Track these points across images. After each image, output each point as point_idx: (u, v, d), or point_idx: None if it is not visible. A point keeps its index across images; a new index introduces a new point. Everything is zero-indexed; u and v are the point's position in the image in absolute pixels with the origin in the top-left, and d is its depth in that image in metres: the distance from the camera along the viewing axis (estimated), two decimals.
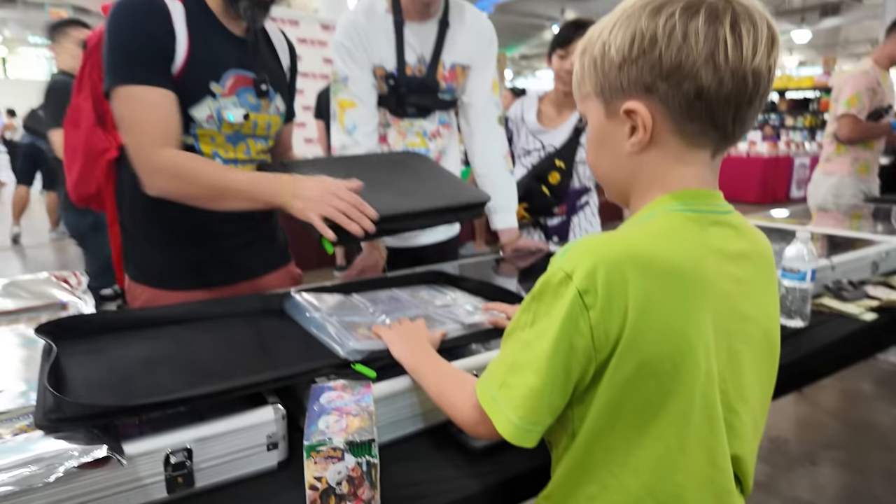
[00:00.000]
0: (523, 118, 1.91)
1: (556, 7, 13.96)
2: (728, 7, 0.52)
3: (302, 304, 0.98)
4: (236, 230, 1.21)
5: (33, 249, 5.76)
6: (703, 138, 0.56)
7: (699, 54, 0.52)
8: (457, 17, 1.47)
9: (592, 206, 1.95)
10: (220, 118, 1.10)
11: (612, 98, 0.58)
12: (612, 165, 0.61)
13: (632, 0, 0.56)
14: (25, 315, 1.00)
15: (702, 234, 0.56)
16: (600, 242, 0.53)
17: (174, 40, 1.03)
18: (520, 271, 1.50)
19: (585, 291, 0.50)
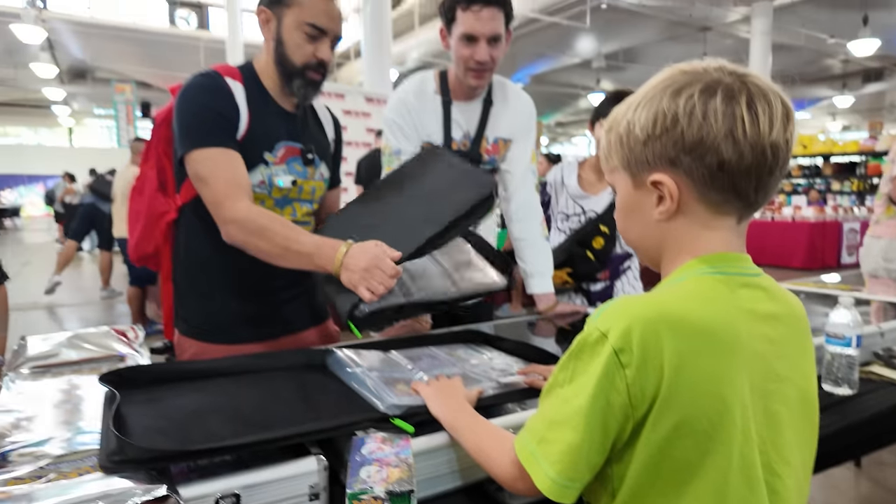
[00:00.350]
0: (563, 183, 1.96)
1: (592, 77, 14.42)
2: (743, 87, 0.57)
3: (343, 359, 1.02)
4: (279, 287, 1.28)
5: (83, 307, 6.04)
6: (727, 206, 0.60)
7: (718, 131, 0.56)
8: (500, 96, 1.58)
9: (634, 271, 1.95)
10: (271, 183, 1.21)
11: (638, 171, 0.62)
12: (641, 232, 0.65)
13: (652, 83, 0.62)
14: (87, 366, 1.07)
15: (732, 296, 0.59)
16: (634, 303, 0.56)
17: (238, 115, 1.17)
18: (556, 332, 1.51)
19: (621, 350, 0.53)
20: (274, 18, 1.19)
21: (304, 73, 1.20)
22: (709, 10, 10.23)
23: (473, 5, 1.38)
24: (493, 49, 1.42)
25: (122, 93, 13.62)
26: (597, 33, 11.12)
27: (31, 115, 19.99)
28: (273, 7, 1.19)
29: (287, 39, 1.18)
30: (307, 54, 1.19)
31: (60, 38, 13.20)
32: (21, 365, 1.05)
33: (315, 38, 1.18)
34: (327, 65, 1.22)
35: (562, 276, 1.88)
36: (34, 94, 16.41)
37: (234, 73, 1.21)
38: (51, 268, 6.22)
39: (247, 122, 1.17)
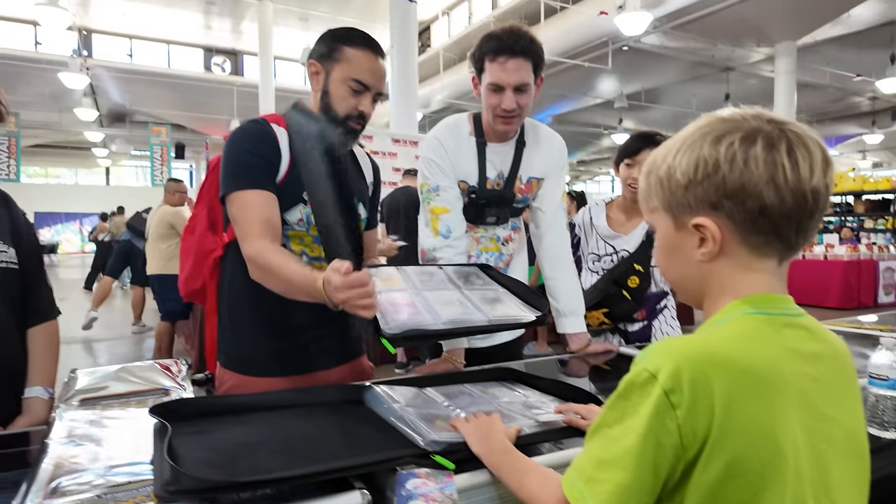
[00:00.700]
0: (592, 224, 1.98)
1: (614, 116, 14.56)
2: (783, 136, 0.59)
3: (381, 395, 1.04)
4: (312, 323, 1.32)
5: (116, 342, 6.17)
6: (768, 248, 0.62)
7: (760, 177, 0.58)
8: (532, 137, 1.62)
9: (671, 310, 1.94)
10: (309, 221, 1.28)
11: (680, 213, 0.64)
12: (682, 272, 0.67)
13: (690, 130, 0.64)
14: (134, 398, 1.11)
15: (776, 336, 0.60)
16: (681, 344, 0.57)
17: (280, 159, 1.25)
18: (590, 370, 1.51)
19: (671, 391, 0.54)
20: (323, 71, 1.28)
21: (346, 123, 1.28)
22: (731, 50, 10.33)
23: (499, 56, 1.43)
24: (520, 97, 1.46)
25: (157, 135, 14.22)
26: (619, 74, 11.29)
27: (72, 157, 20.93)
28: (323, 61, 1.28)
29: (333, 91, 1.27)
30: (350, 106, 1.27)
31: (102, 83, 13.93)
32: (72, 397, 1.10)
33: (358, 93, 1.27)
34: (367, 117, 1.31)
35: (598, 317, 1.87)
36: (76, 136, 17.24)
37: (280, 120, 1.31)
38: (85, 303, 6.39)
39: (287, 164, 1.25)
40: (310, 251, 1.31)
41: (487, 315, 1.17)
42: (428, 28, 14.63)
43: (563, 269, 1.65)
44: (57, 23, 7.99)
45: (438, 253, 1.51)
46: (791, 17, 8.81)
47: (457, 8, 13.30)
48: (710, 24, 8.96)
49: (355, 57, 1.26)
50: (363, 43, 1.27)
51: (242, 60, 16.16)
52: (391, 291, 1.19)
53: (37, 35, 13.78)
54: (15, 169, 13.02)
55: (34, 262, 1.27)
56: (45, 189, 21.34)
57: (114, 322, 6.75)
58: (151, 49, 15.15)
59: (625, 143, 1.90)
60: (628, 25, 7.55)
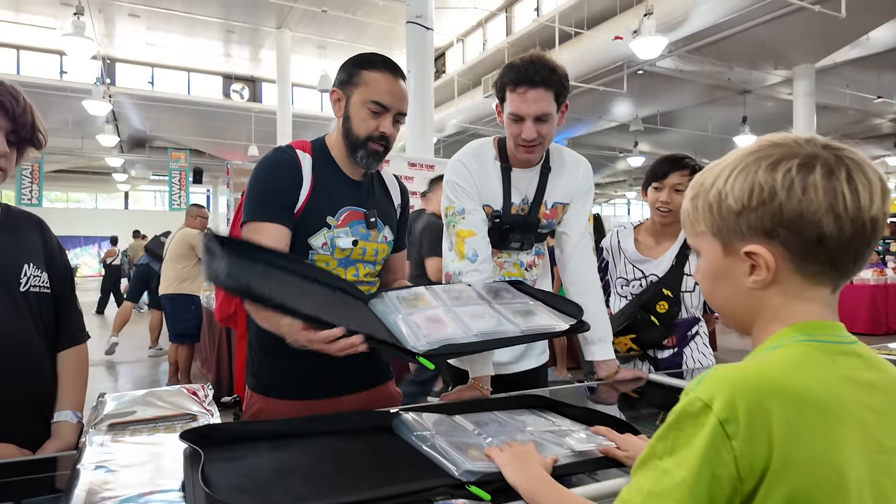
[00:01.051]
0: (620, 248, 1.96)
1: (629, 140, 14.59)
2: (841, 162, 0.58)
3: (411, 422, 1.03)
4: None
5: (133, 365, 6.21)
6: (823, 277, 0.60)
7: (819, 205, 0.57)
8: (557, 162, 1.62)
9: (703, 337, 1.91)
10: (333, 245, 1.30)
11: (730, 239, 0.63)
12: (730, 298, 0.66)
13: (741, 154, 0.63)
14: (163, 423, 1.11)
15: (831, 364, 0.58)
16: (734, 372, 0.56)
17: (300, 187, 1.28)
18: (619, 398, 1.48)
19: (726, 421, 0.52)
20: (344, 98, 1.32)
21: (367, 145, 1.31)
22: (748, 73, 10.35)
23: (519, 87, 1.44)
24: (540, 126, 1.45)
25: (176, 160, 14.51)
26: (634, 98, 11.36)
27: (93, 182, 21.41)
28: (344, 87, 1.32)
29: (353, 115, 1.30)
30: (371, 128, 1.30)
31: (124, 110, 14.31)
32: (101, 422, 1.10)
33: (378, 114, 1.29)
34: (389, 138, 1.33)
35: (627, 343, 1.84)
36: (96, 161, 17.66)
37: (306, 146, 1.35)
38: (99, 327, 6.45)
39: (309, 188, 1.29)
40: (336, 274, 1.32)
41: (520, 326, 1.17)
42: (443, 54, 14.88)
43: (590, 295, 1.62)
44: (82, 53, 8.25)
45: (464, 277, 1.50)
46: (809, 39, 8.82)
47: (471, 35, 13.53)
48: (726, 47, 9.01)
49: (373, 79, 1.29)
50: (381, 66, 1.30)
51: (261, 87, 16.53)
52: (422, 310, 1.19)
53: (62, 64, 14.25)
54: (37, 194, 13.33)
55: (66, 287, 1.29)
56: (65, 213, 21.79)
57: (132, 345, 6.81)
58: (172, 77, 15.57)
59: (652, 166, 1.87)
60: (643, 50, 7.60)
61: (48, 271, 1.23)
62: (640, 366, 1.89)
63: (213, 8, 11.53)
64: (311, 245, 1.29)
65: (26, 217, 1.27)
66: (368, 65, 1.30)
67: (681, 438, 0.55)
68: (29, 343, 1.16)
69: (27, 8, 11.81)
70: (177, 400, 1.20)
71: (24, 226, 1.24)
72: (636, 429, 1.00)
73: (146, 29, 12.94)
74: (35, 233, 1.25)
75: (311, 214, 1.28)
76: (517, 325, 1.17)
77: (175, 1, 11.17)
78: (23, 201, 12.81)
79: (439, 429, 1.02)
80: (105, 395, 1.22)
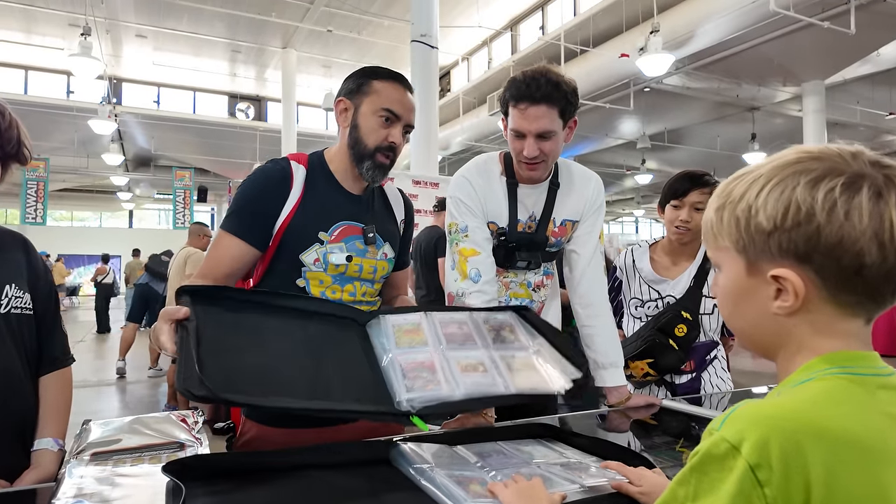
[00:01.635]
0: (635, 267, 1.90)
1: (636, 157, 14.59)
2: (891, 185, 0.52)
3: (409, 453, 0.98)
4: None
5: (132, 385, 6.17)
6: (859, 308, 0.55)
7: (863, 232, 0.51)
8: (566, 178, 1.58)
9: (722, 361, 1.84)
10: (326, 261, 1.26)
11: (756, 259, 0.57)
12: (752, 321, 0.60)
13: (777, 165, 0.57)
14: (148, 453, 1.06)
15: (871, 400, 0.53)
16: (765, 410, 0.51)
17: (284, 201, 1.25)
18: (631, 426, 1.42)
19: (758, 466, 0.47)
20: (352, 107, 1.29)
21: (375, 156, 1.28)
22: (756, 90, 10.36)
23: (520, 103, 1.40)
24: (543, 144, 1.41)
25: (181, 178, 14.63)
26: (641, 115, 11.38)
27: (98, 200, 21.62)
28: (352, 96, 1.30)
29: (362, 124, 1.28)
30: (380, 137, 1.27)
31: (129, 129, 14.49)
32: (83, 451, 1.05)
33: (389, 123, 1.27)
34: (397, 149, 1.30)
35: (643, 368, 1.78)
36: (101, 180, 17.84)
37: (302, 158, 1.32)
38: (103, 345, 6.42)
39: (297, 201, 1.25)
40: (331, 293, 1.28)
41: (511, 387, 1.09)
42: (448, 73, 15.01)
43: (601, 317, 1.57)
44: (89, 72, 8.37)
45: (467, 299, 1.45)
46: (818, 56, 8.83)
47: (476, 53, 13.66)
48: (733, 64, 9.03)
49: (384, 88, 1.27)
50: (391, 76, 1.30)
51: (266, 106, 16.70)
52: (414, 351, 1.12)
53: (69, 84, 14.46)
54: (42, 212, 13.43)
55: (50, 308, 1.25)
56: (69, 231, 21.99)
57: (133, 365, 6.76)
58: (178, 96, 15.77)
59: (671, 183, 1.82)
60: (650, 67, 7.63)
61: (31, 292, 1.19)
62: (657, 391, 1.82)
63: (220, 28, 11.70)
64: (303, 261, 1.25)
65: (11, 236, 1.23)
66: (378, 75, 1.29)
67: (704, 483, 0.50)
68: (9, 367, 1.12)
69: (37, 29, 12.03)
70: (164, 427, 1.15)
71: (6, 245, 1.20)
72: (650, 461, 0.94)
73: (153, 49, 13.14)
74: (19, 252, 1.22)
75: (299, 229, 1.25)
76: (508, 386, 1.09)
77: (182, 21, 11.36)
78: (27, 220, 12.91)
79: (439, 461, 0.97)
80: (90, 421, 1.17)
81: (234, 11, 10.19)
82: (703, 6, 7.44)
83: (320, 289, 1.27)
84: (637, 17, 8.65)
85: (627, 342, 1.82)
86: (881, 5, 7.30)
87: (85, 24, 8.13)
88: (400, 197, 1.46)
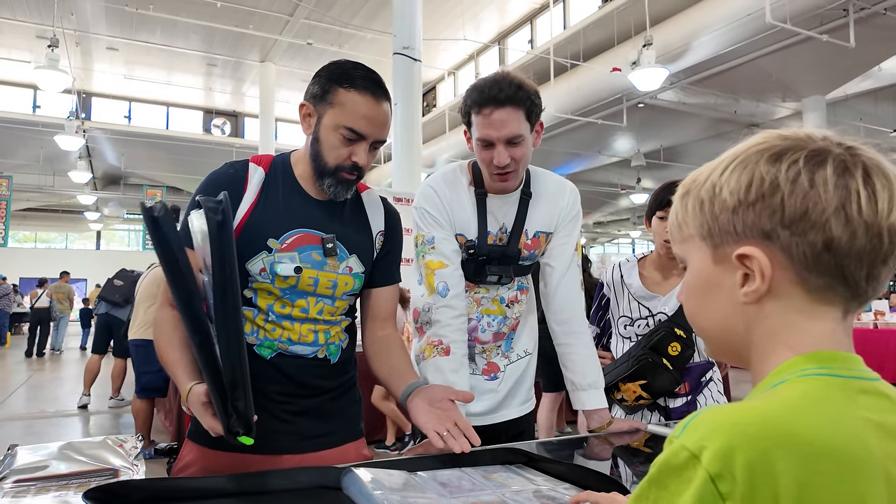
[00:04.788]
0: (624, 282, 1.88)
1: (631, 176, 14.76)
2: (858, 161, 0.52)
3: (362, 481, 0.95)
4: (294, 396, 1.23)
5: (92, 416, 6.04)
6: (831, 294, 0.53)
7: (828, 203, 0.50)
8: (538, 187, 1.56)
9: (717, 384, 1.82)
10: (273, 272, 1.19)
11: (721, 242, 0.56)
12: (720, 316, 0.58)
13: (742, 147, 0.56)
14: (76, 480, 1.02)
15: (851, 405, 0.50)
16: (730, 415, 0.48)
17: (236, 207, 1.20)
18: (613, 453, 1.40)
19: (719, 476, 0.44)
20: (315, 115, 1.22)
21: (336, 174, 1.22)
22: (755, 106, 10.55)
23: (484, 108, 1.37)
24: (513, 150, 1.39)
25: (152, 197, 14.59)
26: (634, 132, 11.54)
27: (64, 221, 21.45)
28: (316, 103, 1.22)
29: (323, 139, 1.21)
30: (342, 156, 1.20)
31: (99, 145, 14.48)
32: (4, 478, 1.01)
33: (352, 142, 1.19)
34: (362, 168, 1.24)
35: (635, 391, 1.74)
36: (68, 199, 17.71)
37: (265, 160, 1.28)
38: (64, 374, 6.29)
39: (249, 206, 1.21)
40: (279, 307, 1.21)
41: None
42: (434, 88, 15.19)
43: (578, 335, 1.54)
44: (55, 85, 8.37)
45: (435, 314, 1.43)
46: (817, 70, 9.02)
47: (463, 68, 13.85)
48: (730, 79, 9.21)
49: (350, 101, 1.18)
50: (361, 84, 1.19)
51: (243, 122, 16.77)
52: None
53: (35, 98, 14.46)
54: (3, 233, 13.29)
55: None
56: (32, 253, 21.71)
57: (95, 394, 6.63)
58: (150, 111, 15.81)
59: (656, 193, 1.81)
60: (643, 81, 7.76)
61: None
62: (650, 416, 1.79)
63: (195, 41, 11.80)
64: (249, 271, 1.19)
65: None
66: (347, 81, 1.19)
67: (662, 498, 0.47)
68: None
69: (2, 41, 12.06)
70: (98, 453, 1.11)
71: None
72: (625, 487, 0.92)
73: (124, 63, 13.21)
74: None
75: (249, 235, 1.19)
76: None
77: (155, 34, 11.45)
78: None
79: (395, 488, 0.94)
80: (17, 446, 1.13)
81: (211, 24, 10.29)
82: (698, 18, 7.60)
83: (267, 301, 1.21)
84: (629, 30, 8.81)
85: (617, 363, 1.80)
86: (881, 18, 7.51)
87: (53, 36, 8.16)
88: (381, 205, 1.37)
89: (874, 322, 7.99)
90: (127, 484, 0.89)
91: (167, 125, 15.85)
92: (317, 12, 10.34)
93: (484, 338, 1.56)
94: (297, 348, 1.23)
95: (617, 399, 1.79)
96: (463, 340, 1.45)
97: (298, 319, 1.23)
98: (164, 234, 0.97)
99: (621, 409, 1.82)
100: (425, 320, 1.45)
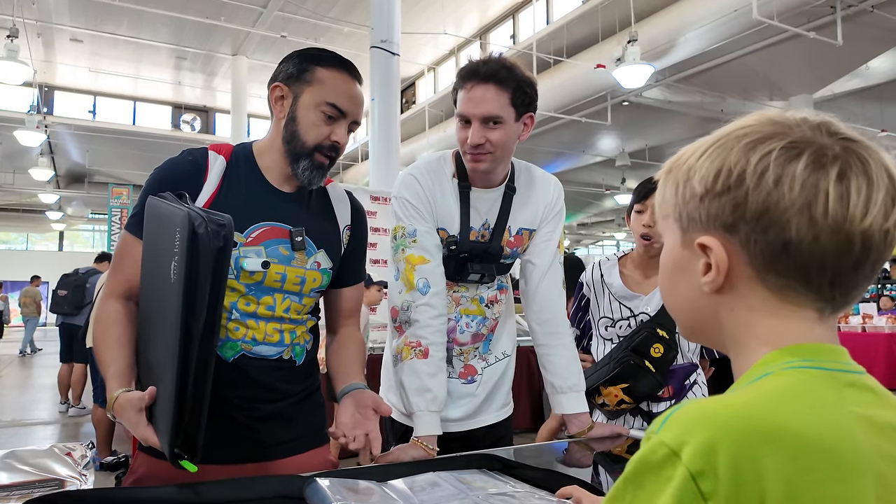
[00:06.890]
0: (604, 282, 1.87)
1: (616, 176, 14.87)
2: (840, 155, 0.50)
3: (325, 490, 0.92)
4: (257, 401, 1.20)
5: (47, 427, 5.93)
6: (794, 294, 0.52)
7: (792, 202, 0.49)
8: (523, 182, 1.54)
9: (702, 387, 1.82)
10: (238, 266, 1.16)
11: (689, 227, 0.56)
12: (687, 298, 0.58)
13: (730, 128, 0.56)
14: (19, 491, 0.98)
15: (838, 398, 0.49)
16: (714, 409, 0.46)
17: (195, 198, 1.16)
18: (594, 459, 1.39)
19: (700, 474, 0.43)
20: (290, 96, 1.21)
21: (313, 155, 1.20)
22: (742, 105, 10.69)
23: (466, 83, 1.37)
24: (489, 132, 1.36)
25: (118, 196, 14.29)
26: (619, 130, 11.63)
27: (24, 220, 21.01)
28: (291, 84, 1.21)
29: (302, 118, 1.20)
30: (322, 135, 1.20)
31: (62, 142, 14.20)
32: None
33: (333, 119, 1.20)
34: (340, 149, 1.23)
35: (616, 394, 1.74)
36: (29, 198, 17.35)
37: (226, 149, 1.25)
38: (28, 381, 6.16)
39: (209, 197, 1.18)
40: (243, 304, 1.18)
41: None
42: (413, 84, 15.17)
43: (558, 335, 1.53)
44: (15, 77, 8.20)
45: (414, 313, 1.40)
46: (805, 68, 9.17)
47: (444, 63, 13.86)
48: (717, 76, 9.32)
49: (330, 78, 1.19)
50: (339, 64, 1.21)
51: (214, 118, 16.59)
52: None
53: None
54: None
55: None
56: None
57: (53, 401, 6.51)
58: (117, 106, 15.56)
59: (636, 188, 1.81)
60: (628, 79, 7.81)
61: None
62: (633, 421, 1.79)
63: (163, 33, 11.63)
64: None
65: None
66: (323, 61, 1.21)
67: (639, 498, 0.46)
68: None
69: None
70: (44, 462, 1.07)
71: None
72: (602, 491, 0.91)
73: (89, 55, 12.97)
74: None
75: None
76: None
77: (122, 25, 11.26)
78: None
79: (362, 497, 0.91)
80: None
81: (180, 15, 10.13)
82: (684, 14, 7.67)
83: (230, 298, 1.17)
84: (614, 26, 8.88)
85: (598, 366, 1.79)
86: (868, 16, 7.65)
87: (13, 25, 7.98)
88: (346, 199, 1.37)
89: (862, 325, 8.12)
90: (71, 494, 0.85)
91: (134, 121, 15.60)
92: (291, 4, 10.25)
93: (462, 339, 1.54)
94: (262, 349, 1.21)
95: (598, 404, 1.79)
96: (442, 343, 1.43)
97: (264, 318, 1.21)
98: None
99: (603, 413, 1.81)
100: (404, 319, 1.42)
